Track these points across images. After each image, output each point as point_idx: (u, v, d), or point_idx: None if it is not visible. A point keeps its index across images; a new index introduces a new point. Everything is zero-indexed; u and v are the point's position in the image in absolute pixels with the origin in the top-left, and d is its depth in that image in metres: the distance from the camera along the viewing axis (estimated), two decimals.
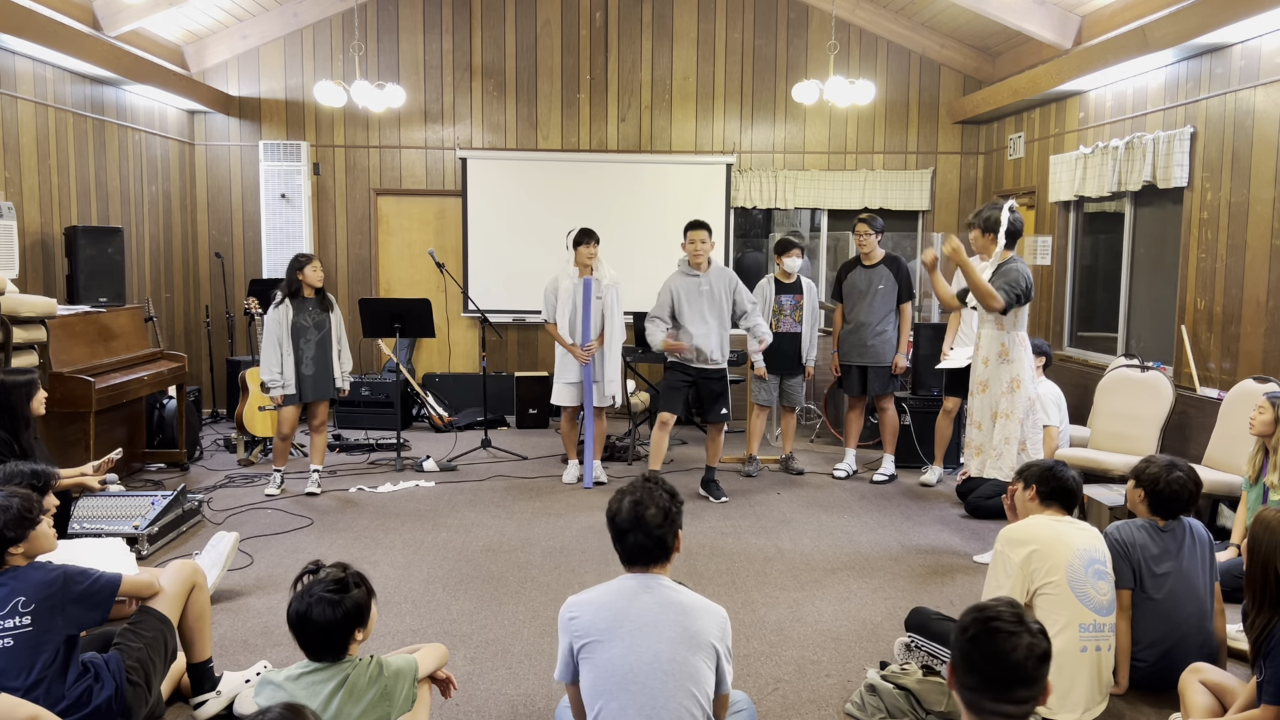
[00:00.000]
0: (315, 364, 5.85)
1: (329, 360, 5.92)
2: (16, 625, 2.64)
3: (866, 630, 3.95)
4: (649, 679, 2.30)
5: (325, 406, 6.01)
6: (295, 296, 5.82)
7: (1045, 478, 3.34)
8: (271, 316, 5.78)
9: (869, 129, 8.94)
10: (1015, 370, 4.80)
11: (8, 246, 5.73)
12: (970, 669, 1.85)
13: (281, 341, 5.74)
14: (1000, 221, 4.85)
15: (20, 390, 4.12)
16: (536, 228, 8.76)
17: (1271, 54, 5.24)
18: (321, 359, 5.88)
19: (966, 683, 1.86)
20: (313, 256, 5.88)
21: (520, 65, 8.77)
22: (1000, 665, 1.81)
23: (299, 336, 5.80)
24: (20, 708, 2.49)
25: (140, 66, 7.12)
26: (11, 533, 2.70)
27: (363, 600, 2.40)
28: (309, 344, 5.83)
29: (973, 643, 1.85)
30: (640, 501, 2.41)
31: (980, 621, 1.86)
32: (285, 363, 5.74)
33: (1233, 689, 2.94)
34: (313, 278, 5.85)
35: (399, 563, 4.72)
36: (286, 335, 5.75)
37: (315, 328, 5.86)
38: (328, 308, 5.95)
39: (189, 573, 3.12)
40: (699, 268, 5.96)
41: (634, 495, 2.43)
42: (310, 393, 5.86)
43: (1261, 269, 5.33)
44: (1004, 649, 1.81)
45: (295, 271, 5.84)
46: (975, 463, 4.93)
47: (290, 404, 5.82)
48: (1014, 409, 4.77)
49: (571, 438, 6.47)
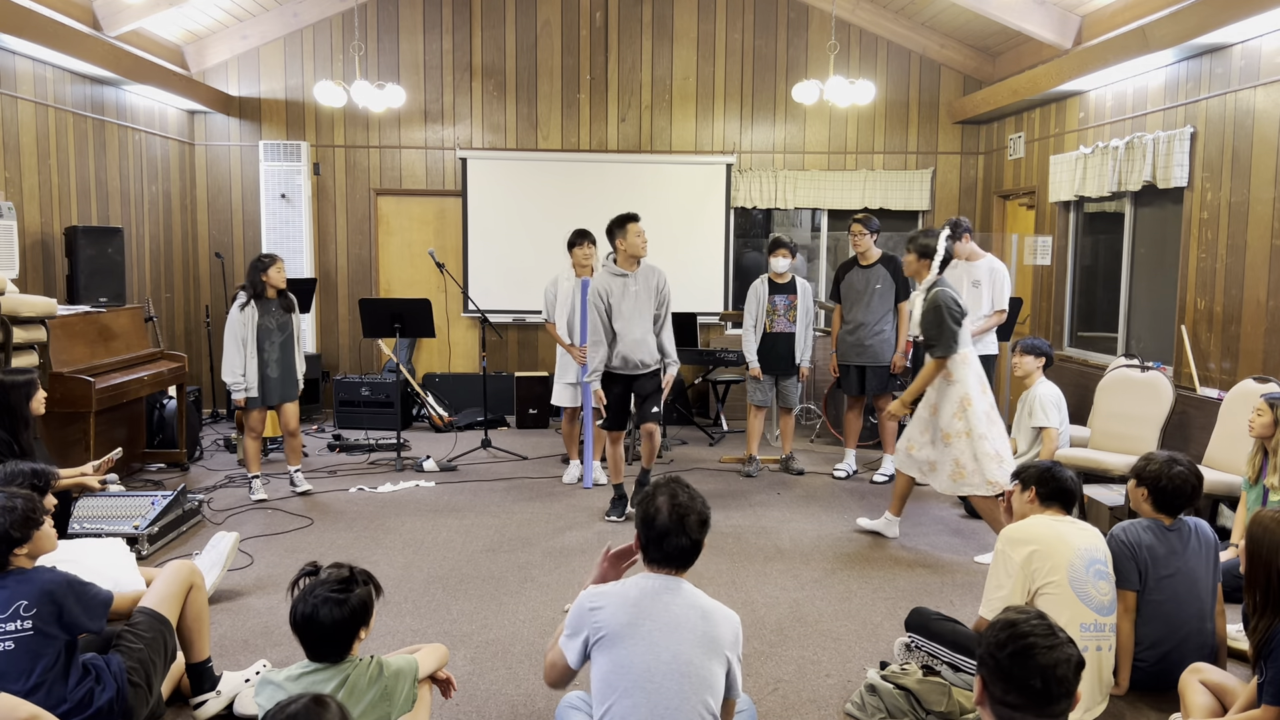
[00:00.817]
0: (280, 366, 5.73)
1: (293, 361, 5.81)
2: (18, 629, 2.64)
3: (866, 630, 3.95)
4: (666, 680, 2.31)
5: (295, 409, 5.87)
6: (260, 298, 5.67)
7: (1044, 479, 3.34)
8: (236, 318, 5.60)
9: (869, 129, 8.95)
10: (962, 390, 4.81)
11: (8, 246, 5.73)
12: (1011, 687, 1.80)
13: (246, 343, 5.59)
14: (936, 250, 4.98)
15: (20, 390, 4.12)
16: (536, 228, 8.76)
17: (1271, 54, 5.24)
18: (286, 360, 5.76)
19: (1007, 700, 1.81)
20: (276, 257, 5.72)
21: (520, 65, 8.77)
22: (1046, 680, 1.78)
23: (264, 339, 5.66)
24: (20, 708, 2.50)
25: (140, 66, 7.12)
26: (17, 533, 2.70)
27: (368, 597, 2.41)
28: (274, 346, 5.70)
29: (1013, 660, 1.80)
30: (683, 506, 2.42)
31: (1017, 638, 1.81)
32: (249, 365, 5.60)
33: (1233, 689, 2.94)
34: (276, 279, 5.69)
35: (399, 563, 4.72)
36: (251, 337, 5.61)
37: (280, 329, 5.74)
38: (290, 308, 5.82)
39: (186, 573, 3.13)
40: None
41: (674, 499, 2.43)
42: (276, 395, 5.75)
43: (1261, 269, 5.33)
44: (1047, 664, 1.78)
45: (259, 273, 5.66)
46: (944, 482, 4.90)
47: (254, 407, 5.68)
48: (972, 427, 4.78)
49: (572, 438, 6.47)
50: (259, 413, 5.74)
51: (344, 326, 8.95)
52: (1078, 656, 1.82)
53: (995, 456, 4.76)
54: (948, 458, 4.84)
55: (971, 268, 6.17)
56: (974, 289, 6.17)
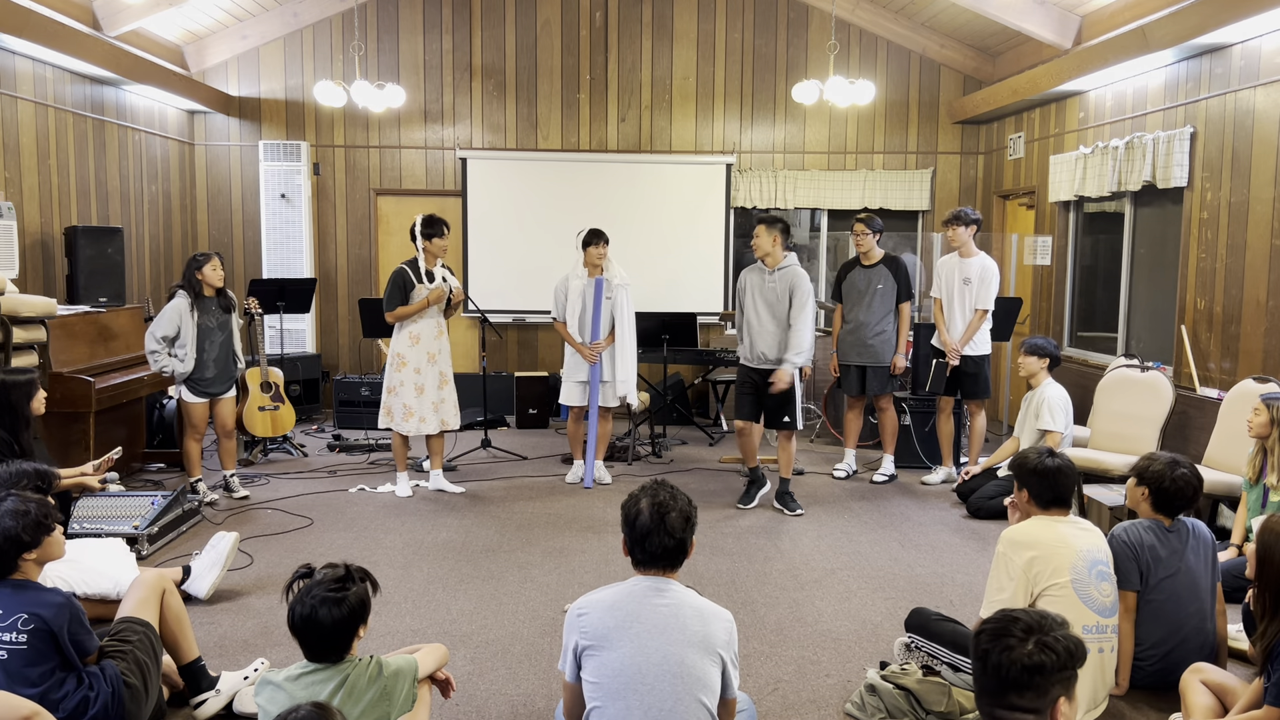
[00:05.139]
0: (217, 365, 5.65)
1: (229, 360, 5.73)
2: (13, 641, 2.64)
3: (866, 630, 3.95)
4: (658, 681, 2.30)
5: (231, 408, 5.79)
6: (199, 298, 5.56)
7: (1043, 483, 3.30)
8: (178, 305, 5.49)
9: (869, 129, 8.95)
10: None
11: (8, 246, 5.73)
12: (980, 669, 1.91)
13: (182, 328, 5.46)
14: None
15: (20, 390, 4.12)
16: (536, 228, 8.76)
17: (1271, 54, 5.24)
18: (223, 359, 5.68)
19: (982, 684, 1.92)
20: (211, 255, 5.59)
21: (520, 65, 8.77)
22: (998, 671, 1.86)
23: (204, 338, 5.58)
24: (21, 706, 2.50)
25: (140, 66, 7.12)
26: (28, 537, 2.70)
27: (365, 595, 2.41)
28: (213, 345, 5.62)
29: (976, 641, 1.91)
30: (663, 504, 2.42)
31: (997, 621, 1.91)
32: (189, 356, 5.47)
33: (1234, 689, 2.94)
34: (212, 277, 5.56)
35: (399, 563, 4.72)
36: (192, 334, 5.49)
37: (219, 328, 5.66)
38: (229, 308, 5.74)
39: (155, 579, 3.13)
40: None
41: (654, 498, 2.43)
42: (212, 393, 5.66)
43: (1261, 269, 5.33)
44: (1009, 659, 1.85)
45: (194, 271, 5.53)
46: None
47: (194, 398, 5.56)
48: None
49: (577, 437, 6.47)
50: (201, 408, 5.63)
51: (344, 326, 8.95)
52: (1046, 662, 1.83)
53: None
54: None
55: (964, 264, 6.19)
56: (964, 286, 6.18)
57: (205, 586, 4.11)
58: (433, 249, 5.81)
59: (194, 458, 5.73)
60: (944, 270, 6.33)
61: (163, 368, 5.46)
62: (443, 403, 5.91)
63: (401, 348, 5.83)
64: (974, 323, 6.18)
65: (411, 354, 5.82)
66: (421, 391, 5.84)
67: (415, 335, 5.81)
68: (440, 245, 5.82)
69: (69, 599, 2.76)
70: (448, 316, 5.95)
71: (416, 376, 5.83)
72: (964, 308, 6.21)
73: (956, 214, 6.21)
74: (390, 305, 5.79)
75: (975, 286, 6.14)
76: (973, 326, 6.18)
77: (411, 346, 5.82)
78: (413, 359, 5.82)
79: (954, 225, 6.21)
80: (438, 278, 5.84)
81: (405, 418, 5.84)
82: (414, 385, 5.83)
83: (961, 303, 6.22)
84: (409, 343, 5.82)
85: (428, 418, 5.86)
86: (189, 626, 3.21)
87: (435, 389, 5.88)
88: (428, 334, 5.84)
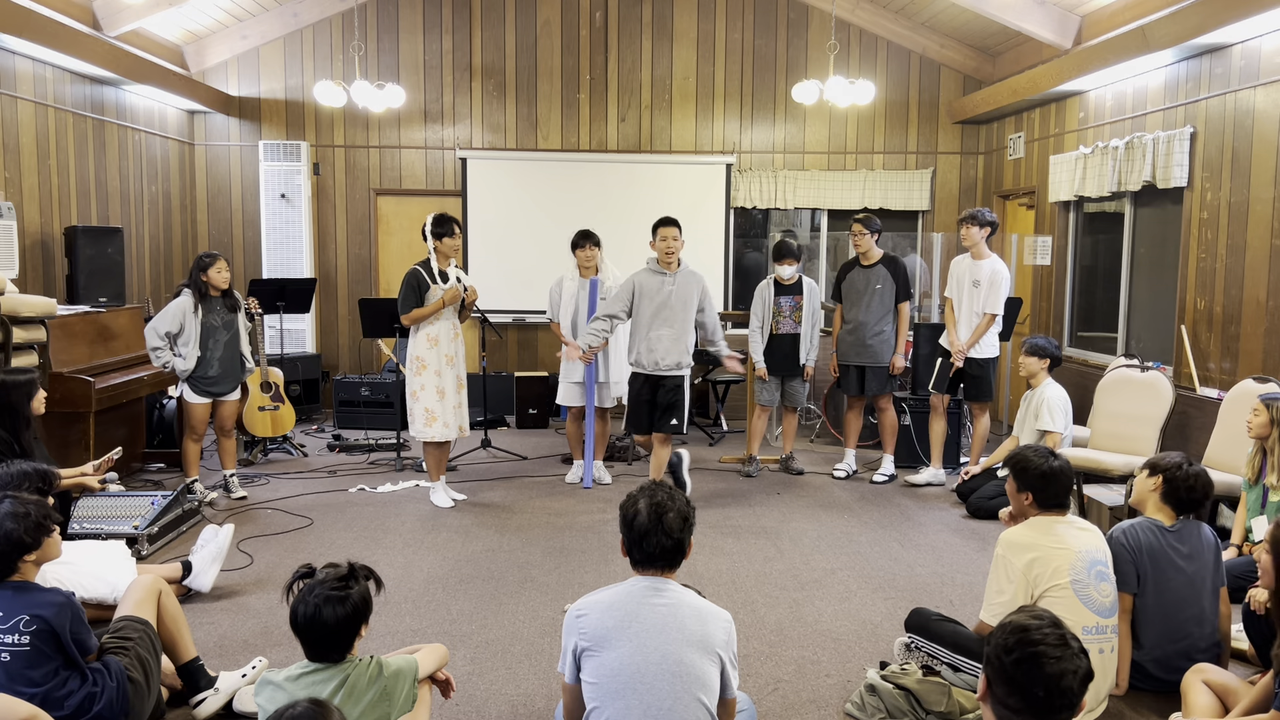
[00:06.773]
0: (222, 365, 5.65)
1: (235, 360, 5.74)
2: (15, 643, 2.65)
3: (866, 630, 3.95)
4: (656, 680, 2.30)
5: (234, 409, 5.80)
6: (204, 298, 5.56)
7: (1043, 484, 3.30)
8: (181, 303, 5.50)
9: (869, 129, 8.95)
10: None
11: (8, 246, 5.73)
12: (1013, 691, 1.80)
13: (185, 325, 5.47)
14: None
15: (20, 390, 4.12)
16: (536, 228, 8.76)
17: (1271, 54, 5.24)
18: (228, 359, 5.68)
19: (1008, 703, 1.82)
20: (217, 256, 5.57)
21: (520, 65, 8.77)
22: (1049, 690, 1.77)
23: (209, 337, 5.57)
24: (19, 707, 2.50)
25: (140, 66, 7.12)
26: (29, 539, 2.71)
27: (368, 592, 2.41)
28: (218, 344, 5.62)
29: (1018, 665, 1.80)
30: (660, 504, 2.42)
31: (1026, 644, 1.80)
32: (190, 354, 5.49)
33: (1235, 689, 2.94)
34: (217, 279, 5.55)
35: (399, 563, 4.72)
36: (195, 332, 5.51)
37: (225, 328, 5.66)
38: (235, 308, 5.75)
39: (150, 581, 3.14)
40: (668, 267, 5.81)
41: (652, 499, 2.43)
42: (216, 392, 5.67)
43: (1261, 269, 5.33)
44: (1053, 674, 1.77)
45: (199, 273, 5.53)
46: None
47: (196, 398, 5.58)
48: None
49: (577, 437, 6.47)
50: (202, 409, 5.64)
51: (344, 326, 8.95)
52: (1085, 668, 1.80)
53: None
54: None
55: (975, 266, 6.16)
56: (974, 289, 6.17)
57: (209, 581, 4.14)
58: (444, 249, 5.64)
59: (192, 458, 5.72)
60: (956, 271, 6.31)
61: (165, 363, 5.46)
62: (459, 406, 5.80)
63: (420, 350, 5.66)
64: (981, 326, 6.12)
65: (430, 356, 5.65)
66: (443, 395, 5.66)
67: (434, 338, 5.65)
68: (451, 245, 5.66)
69: (69, 598, 2.76)
70: (462, 319, 5.81)
71: (437, 379, 5.65)
72: (972, 310, 6.18)
73: (972, 214, 6.14)
74: (405, 308, 5.62)
75: (984, 290, 6.11)
76: (979, 330, 6.12)
77: (430, 349, 5.65)
78: (432, 362, 5.65)
79: (967, 225, 6.14)
80: (451, 278, 5.71)
81: (428, 423, 5.68)
82: (435, 388, 5.65)
83: (970, 305, 6.19)
84: (427, 345, 5.65)
85: (450, 423, 5.71)
86: (186, 626, 3.21)
87: (454, 392, 5.74)
88: (445, 336, 5.68)
